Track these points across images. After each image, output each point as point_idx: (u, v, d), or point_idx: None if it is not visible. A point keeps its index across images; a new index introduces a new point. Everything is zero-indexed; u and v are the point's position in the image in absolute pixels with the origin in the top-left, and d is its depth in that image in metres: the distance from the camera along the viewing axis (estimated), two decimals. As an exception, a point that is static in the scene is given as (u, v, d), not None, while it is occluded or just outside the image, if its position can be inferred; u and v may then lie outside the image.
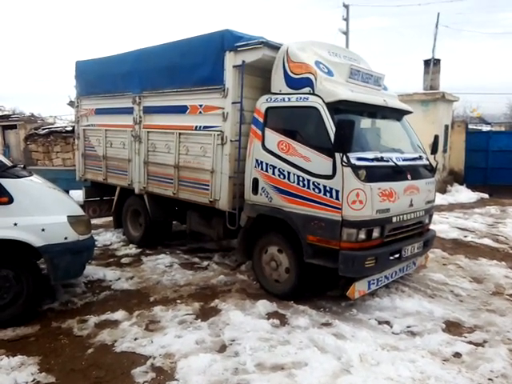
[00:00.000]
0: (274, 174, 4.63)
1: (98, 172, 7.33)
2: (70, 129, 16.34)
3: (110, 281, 5.14)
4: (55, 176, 9.68)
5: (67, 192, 9.53)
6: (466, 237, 7.96)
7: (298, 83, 4.51)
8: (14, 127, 20.15)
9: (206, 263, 5.91)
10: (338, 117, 4.17)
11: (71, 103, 14.08)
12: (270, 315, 4.22)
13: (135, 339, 3.67)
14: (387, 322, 4.19)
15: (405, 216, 4.56)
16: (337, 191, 4.11)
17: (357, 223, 4.09)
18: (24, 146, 18.52)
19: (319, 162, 4.25)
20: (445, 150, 14.62)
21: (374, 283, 4.47)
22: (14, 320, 3.80)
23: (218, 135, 5.11)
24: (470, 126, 16.56)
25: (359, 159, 4.16)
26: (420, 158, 5.09)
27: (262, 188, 4.74)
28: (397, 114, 5.24)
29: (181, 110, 5.63)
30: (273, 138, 4.65)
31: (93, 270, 5.36)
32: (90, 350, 3.47)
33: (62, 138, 17.59)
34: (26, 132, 19.29)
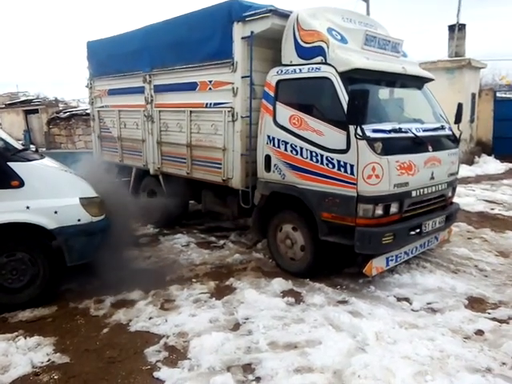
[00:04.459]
0: (286, 150, 4.48)
1: (114, 153, 7.34)
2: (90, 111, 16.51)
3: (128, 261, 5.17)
4: (77, 158, 9.77)
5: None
6: (492, 209, 7.65)
7: (310, 52, 4.29)
8: (36, 112, 20.50)
9: (222, 242, 5.88)
10: (352, 87, 3.95)
11: (88, 86, 14.16)
12: (285, 293, 4.16)
13: (150, 318, 3.69)
14: (406, 299, 4.06)
15: (425, 190, 4.36)
16: (351, 166, 3.94)
17: (373, 198, 3.93)
18: (46, 130, 18.88)
19: (333, 136, 4.07)
20: (472, 120, 13.97)
21: (392, 260, 4.33)
22: (31, 301, 3.86)
23: (228, 112, 4.97)
24: (499, 95, 15.66)
25: (375, 131, 3.95)
26: (442, 127, 4.83)
27: (275, 165, 4.61)
28: (417, 82, 4.95)
29: (191, 87, 5.49)
30: (284, 112, 4.48)
31: (111, 251, 5.40)
32: (105, 330, 3.51)
33: (83, 120, 17.82)
34: (48, 116, 19.64)
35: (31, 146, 12.99)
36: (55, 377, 2.88)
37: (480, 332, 3.44)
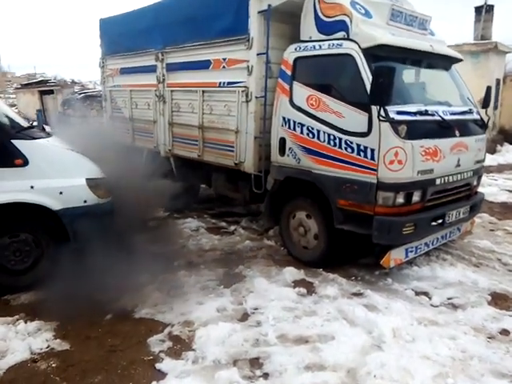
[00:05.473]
0: (302, 132, 4.24)
1: (126, 134, 7.18)
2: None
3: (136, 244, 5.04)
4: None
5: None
6: (516, 200, 7.30)
7: (331, 27, 4.01)
8: (51, 92, 20.52)
9: (232, 228, 5.71)
10: (375, 65, 3.67)
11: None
12: (297, 283, 3.98)
13: (155, 305, 3.54)
14: (425, 293, 3.84)
15: (450, 177, 4.09)
16: (372, 150, 3.69)
17: (394, 186, 3.68)
18: (61, 111, 18.89)
19: (353, 118, 3.81)
20: (495, 107, 13.41)
21: (412, 251, 4.10)
22: (35, 284, 3.75)
23: (242, 91, 4.73)
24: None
25: (399, 113, 3.69)
26: (470, 111, 4.51)
27: (290, 148, 4.37)
28: (444, 62, 4.63)
29: (204, 65, 5.25)
30: (301, 92, 4.22)
31: (119, 234, 5.28)
32: (108, 316, 3.37)
33: (97, 102, 17.71)
34: (63, 97, 19.63)
35: (45, 126, 12.93)
36: (53, 365, 2.75)
37: (505, 332, 3.21)
